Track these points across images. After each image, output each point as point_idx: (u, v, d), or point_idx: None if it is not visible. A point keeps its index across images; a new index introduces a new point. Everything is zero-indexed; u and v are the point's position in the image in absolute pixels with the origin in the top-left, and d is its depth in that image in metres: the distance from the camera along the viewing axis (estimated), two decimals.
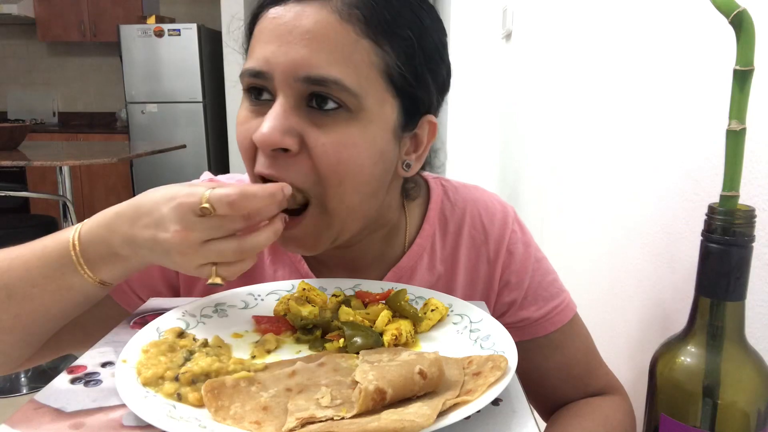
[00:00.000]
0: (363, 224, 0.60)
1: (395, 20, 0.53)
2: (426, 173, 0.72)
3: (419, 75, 0.56)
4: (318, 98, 0.52)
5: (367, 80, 0.52)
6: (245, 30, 0.59)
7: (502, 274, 0.68)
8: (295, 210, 0.55)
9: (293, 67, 0.51)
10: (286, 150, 0.52)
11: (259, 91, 0.55)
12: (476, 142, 2.26)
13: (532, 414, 0.39)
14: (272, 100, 0.53)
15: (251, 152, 0.55)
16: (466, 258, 0.68)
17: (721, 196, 0.39)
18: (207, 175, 0.72)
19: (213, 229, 0.48)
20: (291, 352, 0.49)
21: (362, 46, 0.52)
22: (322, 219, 0.55)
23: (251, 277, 0.68)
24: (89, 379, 0.42)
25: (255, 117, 0.55)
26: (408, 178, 0.64)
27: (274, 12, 0.53)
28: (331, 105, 0.52)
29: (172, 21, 4.31)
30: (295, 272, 0.67)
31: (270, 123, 0.51)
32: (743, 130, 0.38)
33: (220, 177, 0.72)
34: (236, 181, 0.70)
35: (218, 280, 0.50)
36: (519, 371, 0.42)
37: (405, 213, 0.67)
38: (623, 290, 0.77)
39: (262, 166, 0.54)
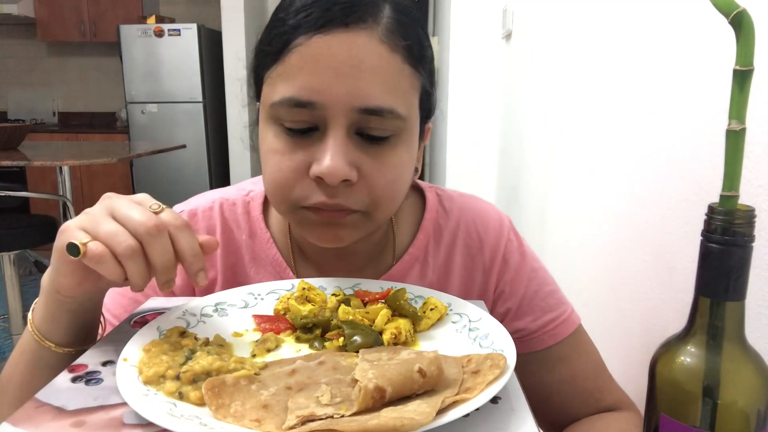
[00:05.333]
0: None
1: (422, 43, 0.55)
2: (422, 182, 0.72)
3: (433, 88, 0.58)
4: (368, 127, 0.52)
5: (411, 103, 0.55)
6: (262, 53, 0.55)
7: (497, 283, 0.67)
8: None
9: (350, 99, 0.50)
10: (346, 180, 0.52)
11: (295, 121, 0.52)
12: (476, 143, 2.27)
13: (531, 412, 0.39)
14: (316, 130, 0.52)
15: (293, 181, 0.54)
16: (460, 266, 0.67)
17: (721, 196, 0.39)
18: (179, 207, 0.69)
19: (134, 213, 0.44)
20: (291, 350, 0.49)
21: (406, 73, 0.53)
22: (365, 223, 0.57)
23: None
24: (90, 378, 0.42)
25: (295, 148, 0.53)
26: None
27: (321, 40, 0.50)
28: (383, 134, 0.53)
29: (172, 21, 4.30)
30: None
31: (335, 156, 0.51)
32: (743, 130, 0.38)
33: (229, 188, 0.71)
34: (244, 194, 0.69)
35: (81, 244, 0.43)
36: (525, 389, 0.41)
37: (392, 217, 0.67)
38: (623, 290, 0.77)
39: (320, 195, 0.53)
